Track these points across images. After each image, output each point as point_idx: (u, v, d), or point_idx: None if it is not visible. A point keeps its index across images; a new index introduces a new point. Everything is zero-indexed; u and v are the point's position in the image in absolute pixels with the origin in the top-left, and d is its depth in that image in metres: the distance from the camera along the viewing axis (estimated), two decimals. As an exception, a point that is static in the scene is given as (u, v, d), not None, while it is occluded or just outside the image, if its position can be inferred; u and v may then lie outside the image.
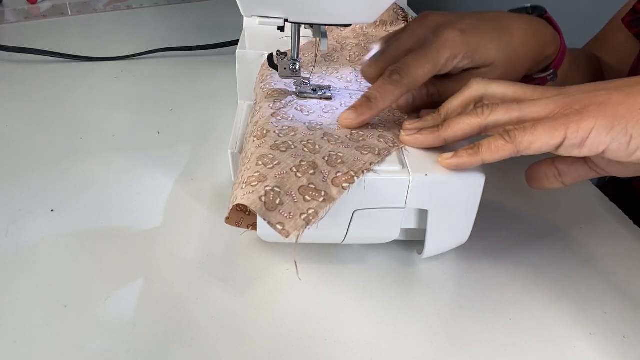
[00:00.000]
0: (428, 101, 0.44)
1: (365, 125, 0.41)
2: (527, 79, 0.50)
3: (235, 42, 0.76)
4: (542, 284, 0.42)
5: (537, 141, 0.33)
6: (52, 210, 0.46)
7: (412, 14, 0.74)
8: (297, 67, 0.43)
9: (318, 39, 0.42)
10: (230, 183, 0.50)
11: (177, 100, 0.65)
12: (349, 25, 0.41)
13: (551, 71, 0.49)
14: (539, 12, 0.49)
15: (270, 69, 0.45)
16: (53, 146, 0.55)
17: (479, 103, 0.38)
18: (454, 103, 0.39)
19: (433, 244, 0.40)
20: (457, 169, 0.37)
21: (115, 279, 0.40)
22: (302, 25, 0.42)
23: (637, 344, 0.37)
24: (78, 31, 0.83)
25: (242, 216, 0.41)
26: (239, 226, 0.41)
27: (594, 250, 0.45)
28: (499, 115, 0.35)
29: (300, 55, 0.44)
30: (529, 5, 0.49)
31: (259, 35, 0.56)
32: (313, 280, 0.41)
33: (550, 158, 0.38)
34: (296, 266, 0.41)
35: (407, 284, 0.41)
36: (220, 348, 0.36)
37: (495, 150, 0.34)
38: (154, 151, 0.55)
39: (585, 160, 0.37)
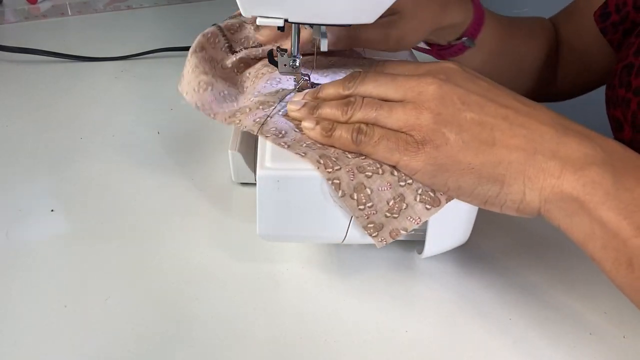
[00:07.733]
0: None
1: None
2: (442, 47, 0.53)
3: (235, 42, 0.76)
4: (542, 284, 0.42)
5: (375, 155, 0.36)
6: (52, 210, 0.46)
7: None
8: (297, 64, 0.43)
9: (318, 38, 0.42)
10: (230, 183, 0.50)
11: (177, 100, 0.65)
12: (349, 25, 0.41)
13: (465, 38, 0.51)
14: None
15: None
16: (53, 146, 0.55)
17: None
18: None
19: (433, 244, 0.40)
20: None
21: (115, 278, 0.40)
22: (302, 25, 0.42)
23: (637, 344, 0.37)
24: (78, 31, 0.83)
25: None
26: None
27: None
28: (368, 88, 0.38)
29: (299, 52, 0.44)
30: None
31: (259, 35, 0.55)
32: (313, 280, 0.41)
33: None
34: None
35: (407, 284, 0.41)
36: (220, 348, 0.36)
37: (343, 144, 0.37)
38: (154, 151, 0.55)
39: None
